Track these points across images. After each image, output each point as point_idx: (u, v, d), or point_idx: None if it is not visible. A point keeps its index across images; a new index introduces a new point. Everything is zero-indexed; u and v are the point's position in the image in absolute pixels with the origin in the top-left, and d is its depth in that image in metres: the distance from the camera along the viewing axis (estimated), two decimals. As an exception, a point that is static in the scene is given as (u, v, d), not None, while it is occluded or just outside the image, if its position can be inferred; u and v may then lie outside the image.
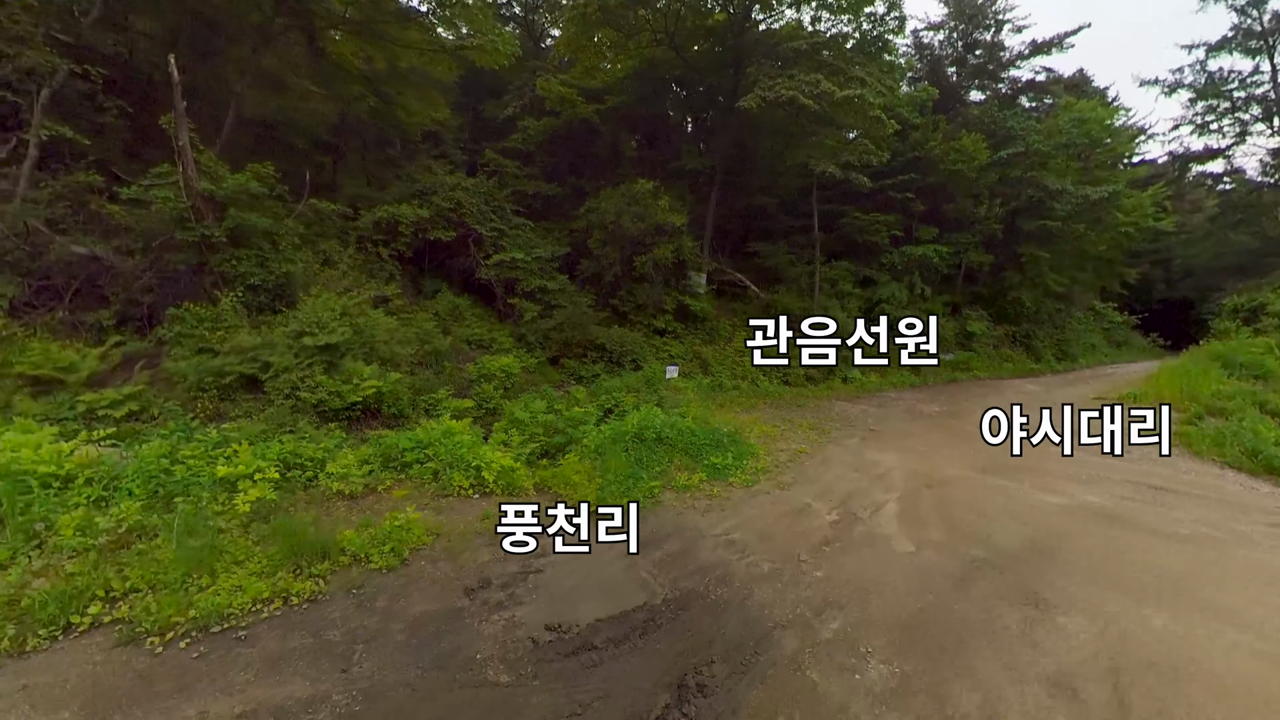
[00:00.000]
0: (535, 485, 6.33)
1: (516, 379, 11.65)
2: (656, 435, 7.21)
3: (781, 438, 9.27)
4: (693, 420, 8.27)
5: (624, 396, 10.87)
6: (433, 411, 9.46)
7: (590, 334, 13.63)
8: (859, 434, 10.21)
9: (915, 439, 9.85)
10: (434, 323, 11.76)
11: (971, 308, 22.14)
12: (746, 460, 7.39)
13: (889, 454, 8.56)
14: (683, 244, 15.01)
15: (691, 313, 16.31)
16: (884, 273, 19.27)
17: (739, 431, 9.05)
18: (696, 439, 7.59)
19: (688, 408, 9.64)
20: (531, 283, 13.81)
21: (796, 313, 18.00)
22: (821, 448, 8.81)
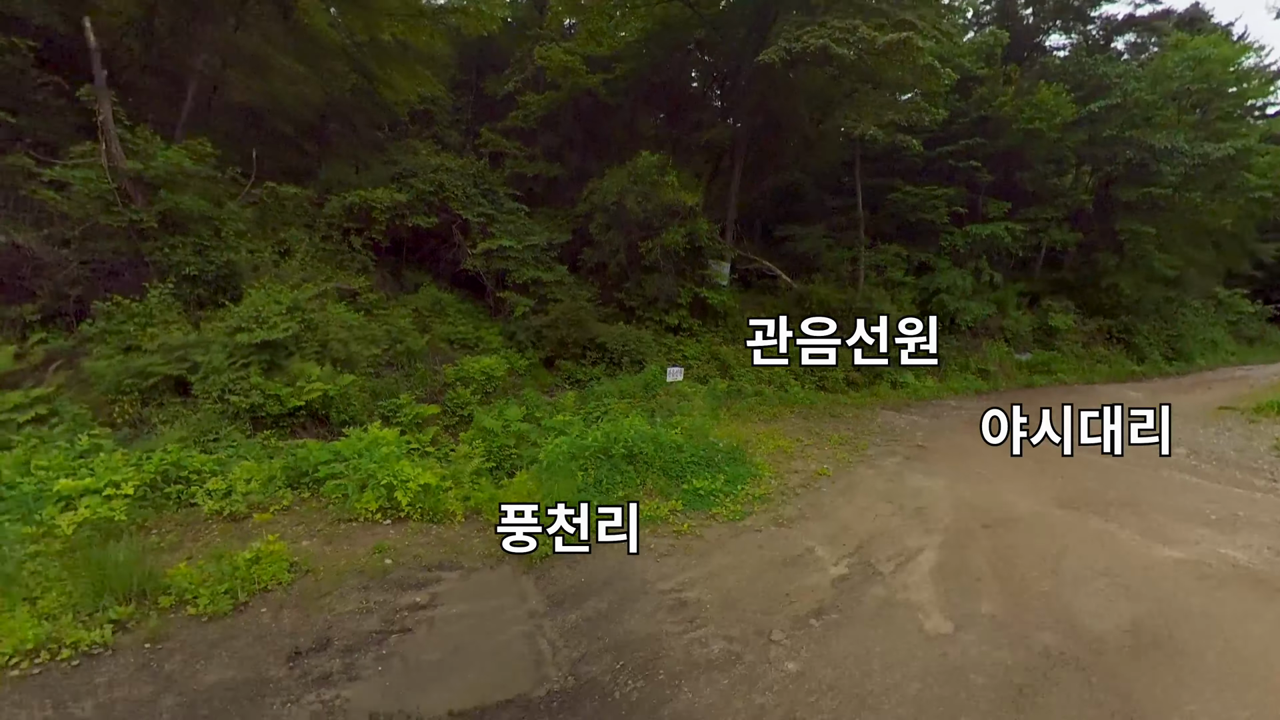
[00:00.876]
0: (468, 510, 5.56)
1: (500, 382, 11.01)
2: (627, 451, 6.30)
3: (800, 455, 8.13)
4: (682, 432, 7.30)
5: (615, 403, 10.01)
6: (393, 419, 8.93)
7: (590, 332, 12.86)
8: (902, 451, 8.89)
9: (974, 459, 8.45)
10: (410, 319, 11.30)
11: (1054, 297, 19.75)
12: (742, 485, 6.35)
13: (937, 479, 7.26)
14: (697, 227, 13.99)
15: (710, 307, 15.25)
16: (943, 257, 17.49)
17: (745, 447, 7.99)
18: (682, 456, 6.61)
19: (684, 417, 8.65)
20: (524, 274, 13.18)
21: (835, 306, 16.57)
22: (849, 469, 7.61)
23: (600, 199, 13.86)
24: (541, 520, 4.93)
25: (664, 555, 4.66)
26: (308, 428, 8.06)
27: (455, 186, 12.60)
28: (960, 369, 16.88)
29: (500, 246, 12.93)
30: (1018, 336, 18.52)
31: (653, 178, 12.97)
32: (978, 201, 17.97)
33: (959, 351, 17.10)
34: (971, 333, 17.59)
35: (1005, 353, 18.19)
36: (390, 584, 4.20)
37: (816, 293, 16.33)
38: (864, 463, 7.99)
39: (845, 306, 16.46)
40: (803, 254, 17.29)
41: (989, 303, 17.71)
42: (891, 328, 15.90)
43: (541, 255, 13.90)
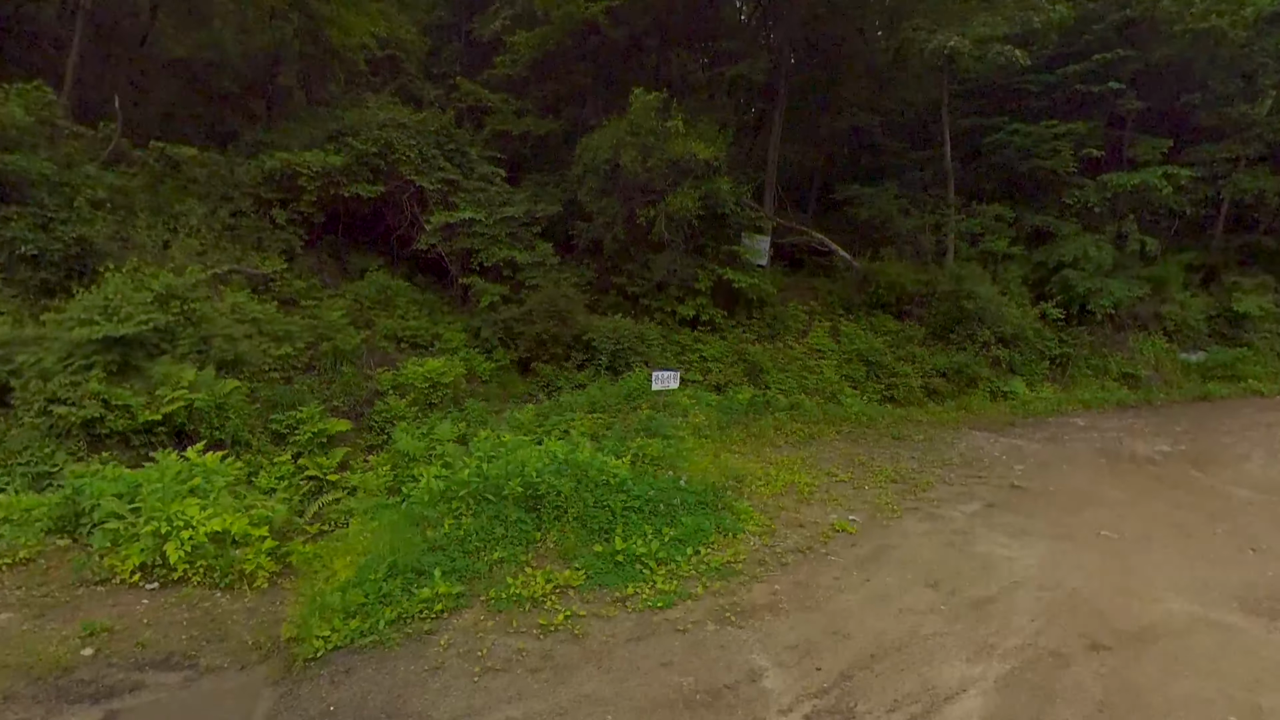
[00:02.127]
0: (281, 568, 4.39)
1: (450, 390, 9.96)
2: (528, 491, 4.89)
3: (821, 497, 6.38)
4: (641, 461, 5.80)
5: (581, 419, 8.63)
6: (288, 436, 8.04)
7: (577, 326, 11.60)
8: (984, 494, 6.88)
9: (1100, 511, 6.33)
10: (344, 312, 10.51)
11: (1242, 272, 16.36)
12: (701, 546, 4.77)
13: (1029, 544, 5.31)
14: (717, 188, 12.35)
15: (740, 294, 13.53)
16: (1068, 220, 14.73)
17: (738, 484, 6.36)
18: (618, 499, 5.12)
19: (659, 440, 7.11)
20: (494, 254, 12.11)
21: (912, 290, 14.33)
22: (889, 522, 5.79)
23: (592, 158, 12.56)
24: (342, 600, 3.66)
25: (495, 670, 3.22)
26: (177, 445, 7.30)
27: (407, 147, 11.72)
28: (1095, 373, 14.07)
29: (464, 220, 11.93)
30: (1184, 328, 15.31)
31: (651, 124, 11.49)
32: (1121, 140, 15.02)
33: (1093, 349, 14.30)
34: (1113, 322, 14.69)
35: (1165, 350, 15.07)
36: (66, 690, 3.10)
37: (886, 273, 14.19)
38: (918, 511, 6.11)
39: (926, 291, 14.20)
40: (868, 222, 15.14)
41: (1139, 281, 14.73)
42: (992, 317, 13.60)
43: (520, 231, 12.77)
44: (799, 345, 13.66)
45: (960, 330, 13.45)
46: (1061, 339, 13.99)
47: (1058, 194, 14.81)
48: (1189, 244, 16.72)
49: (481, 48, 17.31)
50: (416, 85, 15.33)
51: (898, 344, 13.65)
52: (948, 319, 13.66)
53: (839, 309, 14.59)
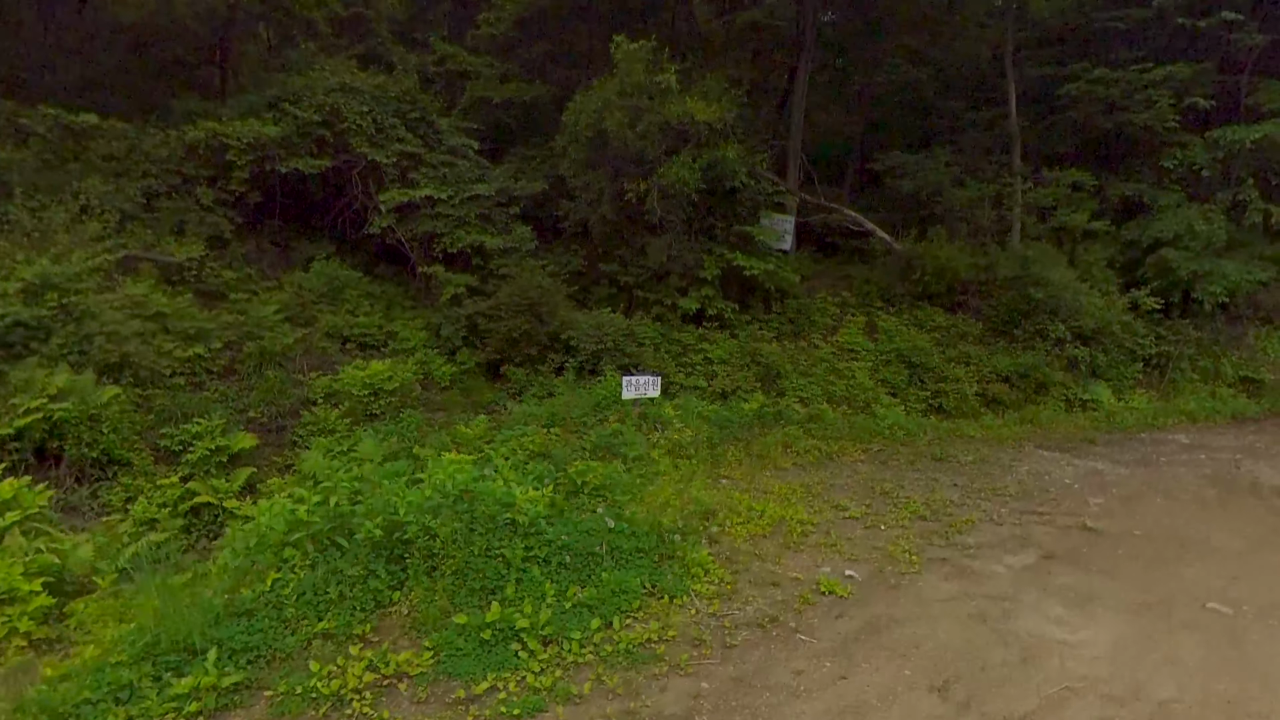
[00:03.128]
0: (57, 635, 3.62)
1: (397, 399, 9.22)
2: (391, 532, 3.98)
3: (813, 541, 5.26)
4: (550, 495, 4.83)
5: (535, 434, 7.70)
6: (180, 455, 7.39)
7: (554, 322, 10.76)
8: (1041, 540, 5.62)
9: (1209, 569, 5.01)
10: (278, 307, 9.92)
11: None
12: (622, 614, 3.76)
13: (1096, 625, 4.09)
14: (723, 157, 11.29)
15: (754, 284, 12.46)
16: (1169, 189, 13.04)
17: (707, 521, 5.31)
18: (524, 544, 4.16)
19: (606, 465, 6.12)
20: (460, 239, 11.38)
21: (967, 277, 12.89)
22: (899, 580, 4.64)
23: (574, 124, 11.70)
24: (53, 696, 2.83)
25: None
26: (36, 467, 6.72)
27: (359, 115, 11.08)
28: (1203, 377, 12.38)
29: (424, 199, 11.22)
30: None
31: (639, 80, 10.54)
32: (1237, 87, 13.24)
33: (1201, 347, 12.60)
34: (1226, 314, 12.93)
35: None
36: None
37: (934, 256, 12.84)
38: (945, 564, 4.93)
39: (984, 277, 12.77)
40: (913, 196, 13.79)
41: (1262, 262, 12.91)
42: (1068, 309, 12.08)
43: (493, 212, 12.02)
44: (826, 344, 12.49)
45: (1027, 325, 12.03)
46: (1159, 335, 12.35)
47: (1154, 156, 13.14)
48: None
49: (473, 8, 16.69)
50: (386, 48, 14.78)
51: (948, 342, 12.30)
52: (1012, 311, 12.24)
53: (877, 301, 13.33)
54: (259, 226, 11.18)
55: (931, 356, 11.77)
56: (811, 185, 14.39)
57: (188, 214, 9.80)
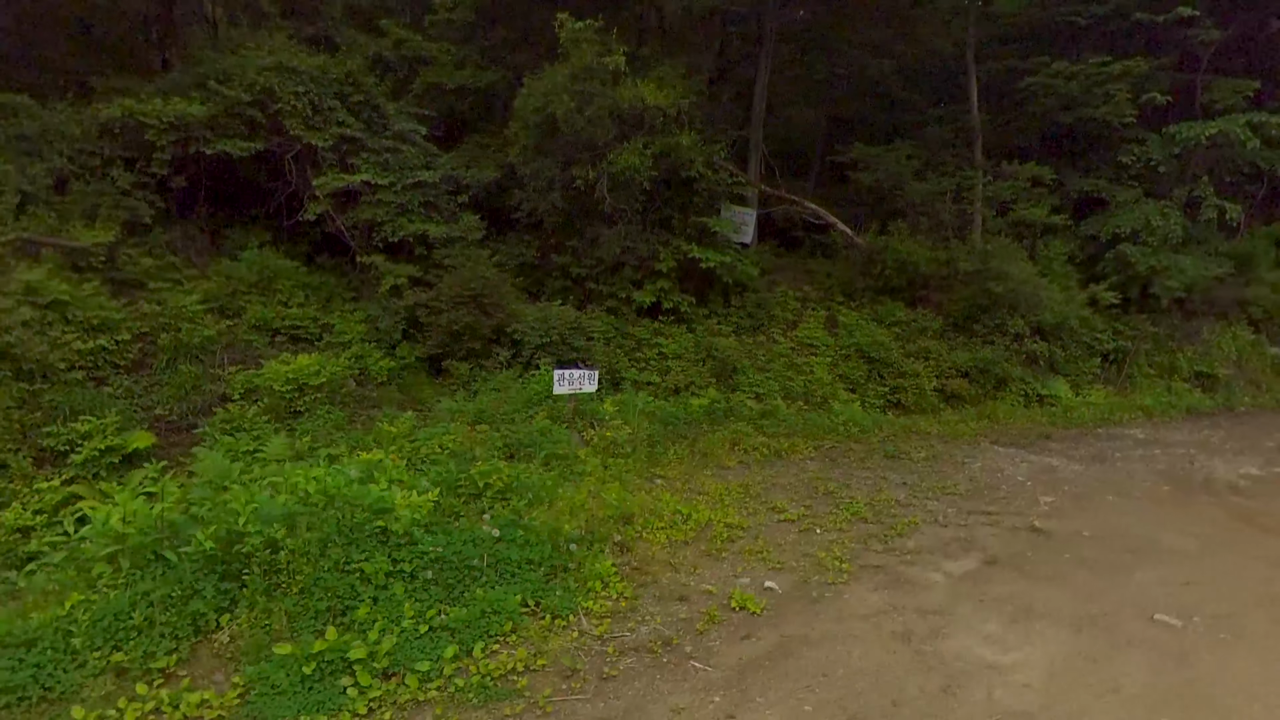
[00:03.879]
0: None
1: (324, 395, 8.53)
2: (227, 545, 3.36)
3: (738, 548, 4.71)
4: (435, 499, 4.22)
5: (459, 433, 7.07)
6: (66, 456, 6.65)
7: (500, 315, 10.15)
8: (985, 543, 5.14)
9: (1160, 574, 4.54)
10: (200, 298, 9.18)
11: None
12: (490, 638, 3.16)
13: (1034, 643, 3.58)
14: (677, 144, 10.74)
15: (713, 277, 11.92)
16: (1125, 183, 12.74)
17: (624, 526, 4.74)
18: (382, 556, 3.55)
19: (518, 467, 5.52)
20: (401, 228, 10.68)
21: (928, 271, 12.46)
22: (823, 592, 4.11)
23: (524, 111, 11.07)
24: None
25: None
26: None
27: (295, 96, 10.32)
28: (1159, 372, 12.10)
29: (363, 185, 10.51)
30: (1276, 316, 13.19)
31: (586, 61, 9.93)
32: (1193, 84, 12.97)
33: (1158, 342, 12.31)
34: (1183, 309, 12.65)
35: (1250, 344, 13.00)
36: None
37: (895, 250, 12.38)
38: (879, 573, 4.42)
39: (944, 272, 12.35)
40: (875, 190, 13.35)
41: (1217, 258, 12.67)
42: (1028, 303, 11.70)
43: (440, 200, 11.32)
44: (785, 339, 12.00)
45: (987, 320, 11.63)
46: (1116, 330, 12.03)
47: (1112, 152, 12.82)
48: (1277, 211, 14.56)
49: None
50: (339, 31, 13.99)
51: (908, 337, 11.87)
52: (972, 306, 11.84)
53: (838, 295, 12.87)
54: (187, 212, 10.40)
55: (891, 351, 11.34)
56: (773, 178, 13.89)
57: (101, 197, 9.00)
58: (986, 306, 11.59)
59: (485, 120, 14.08)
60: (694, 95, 11.62)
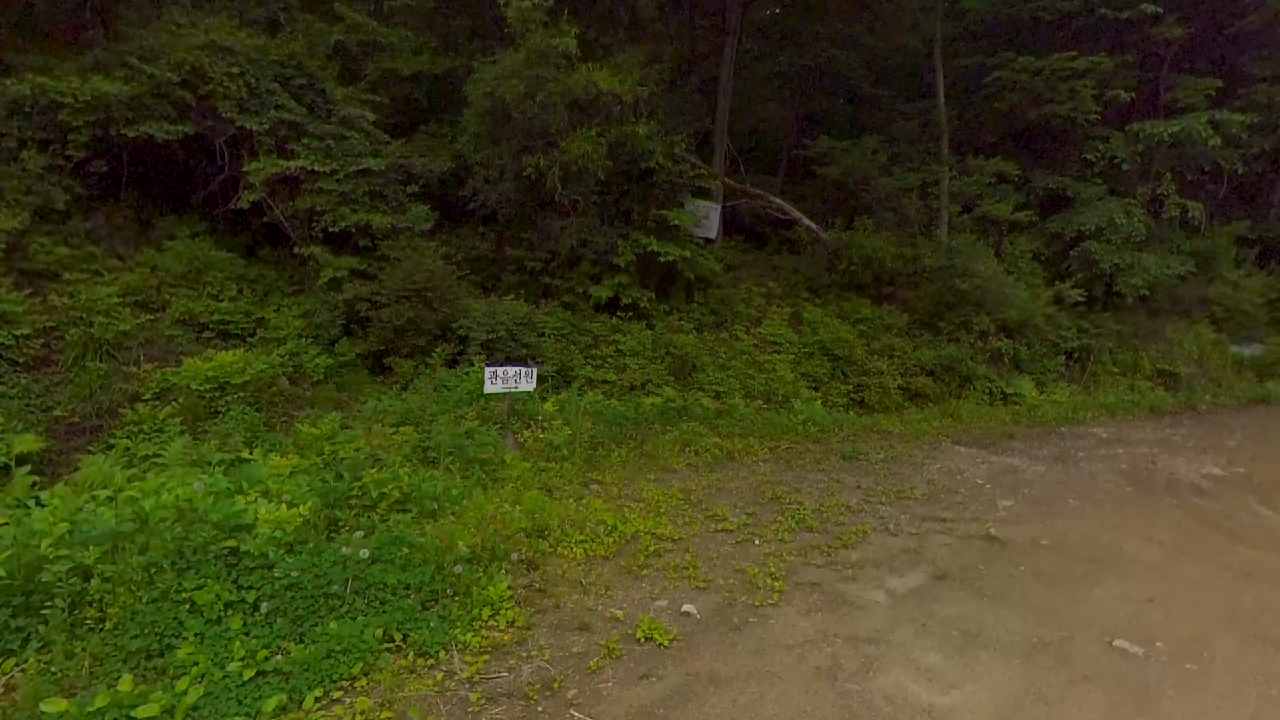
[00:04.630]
0: None
1: (249, 394, 7.83)
2: (22, 576, 2.75)
3: (663, 564, 4.18)
4: (306, 511, 3.62)
5: (381, 435, 6.45)
6: (-57, 458, 5.95)
7: (446, 310, 9.53)
8: (936, 555, 4.66)
9: (1121, 589, 4.09)
10: (119, 290, 8.43)
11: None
12: (332, 683, 2.59)
13: (977, 678, 3.09)
14: (634, 133, 10.19)
15: (675, 272, 11.42)
16: (1090, 180, 12.45)
17: (538, 538, 4.18)
18: (226, 582, 2.95)
19: (426, 475, 4.94)
20: (343, 218, 10.00)
21: (895, 267, 12.05)
22: (747, 616, 3.59)
23: (475, 97, 10.44)
24: None
25: None
26: None
27: (228, 76, 9.58)
28: (1123, 370, 11.80)
29: (302, 172, 9.80)
30: (1237, 315, 13.00)
31: (535, 42, 9.33)
32: (1158, 81, 12.71)
33: (1121, 340, 12.02)
34: (1146, 307, 12.38)
35: (1212, 342, 12.78)
36: None
37: (861, 246, 11.94)
38: (815, 591, 3.91)
39: (910, 268, 11.95)
40: (842, 185, 12.90)
41: (1180, 256, 12.42)
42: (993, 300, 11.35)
43: (387, 189, 10.62)
44: (748, 336, 11.51)
45: (952, 317, 11.23)
46: (1081, 328, 11.70)
47: (1077, 149, 12.51)
48: (1240, 213, 14.38)
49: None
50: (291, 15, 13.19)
51: (873, 334, 11.44)
52: (937, 303, 11.44)
53: (803, 291, 12.41)
54: (112, 199, 9.61)
55: (855, 349, 10.89)
56: (738, 172, 13.39)
57: (9, 181, 8.21)
58: (952, 303, 11.20)
59: (444, 110, 13.41)
60: (655, 85, 11.07)
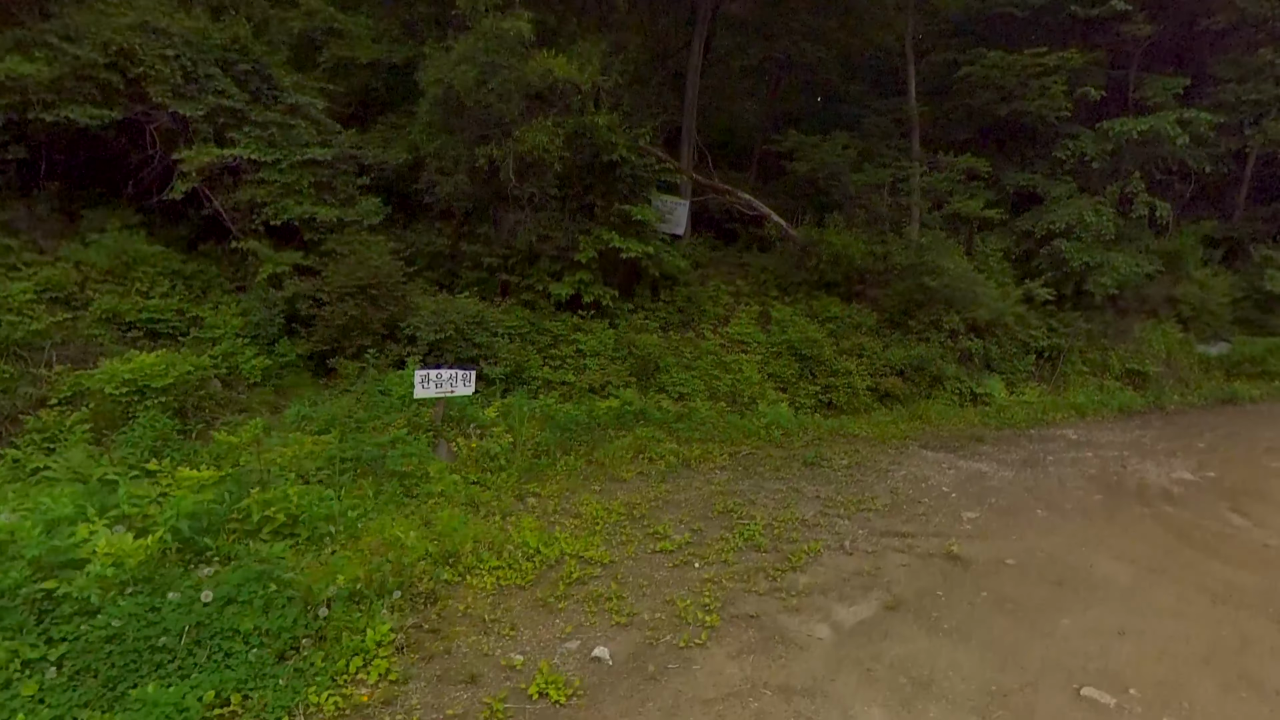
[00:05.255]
0: None
1: (173, 399, 7.18)
2: None
3: (588, 592, 3.66)
4: (153, 543, 3.04)
5: (299, 444, 5.85)
6: None
7: (392, 308, 8.94)
8: (892, 578, 4.21)
9: (1091, 617, 3.66)
10: (34, 286, 7.73)
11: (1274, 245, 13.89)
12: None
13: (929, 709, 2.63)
14: (594, 124, 9.65)
15: (640, 270, 10.90)
16: (1060, 179, 12.15)
17: (446, 566, 3.64)
18: (28, 637, 2.37)
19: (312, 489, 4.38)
20: (286, 210, 9.33)
21: (865, 266, 11.65)
22: (665, 663, 3.09)
23: (428, 85, 9.83)
24: None
25: None
26: None
27: (161, 59, 8.86)
28: (1092, 369, 11.52)
29: (240, 161, 9.12)
30: (1203, 314, 12.79)
31: (486, 26, 8.75)
32: (1126, 80, 12.45)
33: (1090, 340, 11.73)
34: (1115, 306, 12.11)
35: (1179, 342, 12.55)
36: None
37: (831, 243, 11.51)
38: (752, 626, 3.42)
39: (881, 266, 11.55)
40: (812, 181, 12.47)
41: (1148, 255, 12.17)
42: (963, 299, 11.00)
43: (336, 181, 9.97)
44: (715, 336, 11.02)
45: (922, 316, 10.85)
46: (1051, 327, 11.39)
47: (1047, 147, 12.20)
48: (1206, 213, 14.20)
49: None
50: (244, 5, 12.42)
51: (842, 334, 11.01)
52: (907, 302, 11.05)
53: (773, 290, 11.95)
54: (34, 189, 8.87)
55: (824, 349, 10.45)
56: (706, 166, 12.89)
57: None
58: (922, 302, 10.81)
59: (405, 101, 12.75)
60: (619, 76, 10.53)
